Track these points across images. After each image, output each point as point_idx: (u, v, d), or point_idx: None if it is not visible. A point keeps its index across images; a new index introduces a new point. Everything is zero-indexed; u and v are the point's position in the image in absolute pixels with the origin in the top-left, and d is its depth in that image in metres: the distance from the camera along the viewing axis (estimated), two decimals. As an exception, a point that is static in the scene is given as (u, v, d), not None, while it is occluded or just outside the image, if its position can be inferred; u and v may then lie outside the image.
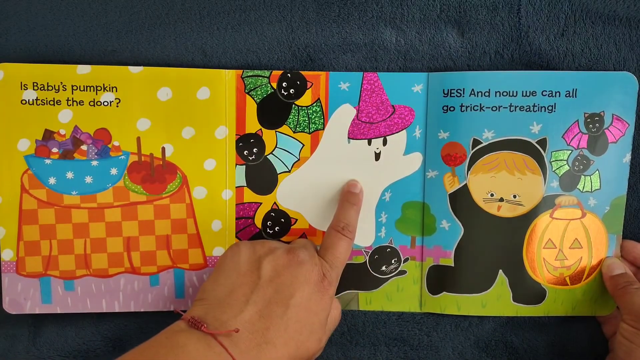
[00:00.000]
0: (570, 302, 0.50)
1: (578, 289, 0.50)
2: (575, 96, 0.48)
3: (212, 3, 0.49)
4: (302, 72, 0.49)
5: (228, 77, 0.48)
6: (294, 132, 0.49)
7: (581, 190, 0.49)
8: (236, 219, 0.50)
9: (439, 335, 0.53)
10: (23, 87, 0.47)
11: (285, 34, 0.49)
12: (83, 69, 0.47)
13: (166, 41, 0.49)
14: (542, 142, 0.49)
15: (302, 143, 0.50)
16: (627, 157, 0.49)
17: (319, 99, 0.49)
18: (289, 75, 0.49)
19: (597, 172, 0.49)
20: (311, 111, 0.49)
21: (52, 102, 0.48)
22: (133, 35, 0.49)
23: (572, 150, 0.49)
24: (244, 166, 0.50)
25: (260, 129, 0.49)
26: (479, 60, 0.49)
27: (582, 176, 0.49)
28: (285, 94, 0.49)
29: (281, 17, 0.49)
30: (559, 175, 0.49)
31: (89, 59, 0.49)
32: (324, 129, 0.49)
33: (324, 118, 0.49)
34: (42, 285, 0.49)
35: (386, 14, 0.49)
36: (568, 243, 0.50)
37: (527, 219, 0.50)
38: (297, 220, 0.50)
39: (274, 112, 0.49)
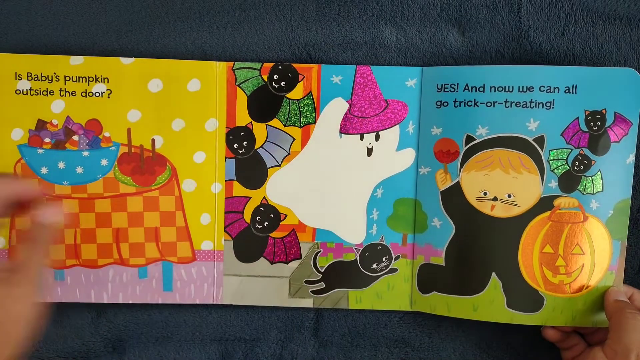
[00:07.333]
0: (570, 311, 0.47)
1: (579, 298, 0.47)
2: (575, 92, 0.46)
3: (211, 2, 0.49)
4: (294, 65, 0.48)
5: (219, 69, 0.48)
6: (285, 126, 0.49)
7: (582, 192, 0.47)
8: (225, 212, 0.49)
9: (440, 336, 0.52)
10: (17, 77, 0.48)
11: (285, 32, 0.49)
12: (76, 60, 0.48)
13: (166, 40, 0.49)
14: (540, 140, 0.46)
15: (292, 137, 0.49)
16: (631, 158, 0.46)
17: (310, 92, 0.48)
18: (280, 67, 0.48)
19: (599, 173, 0.46)
20: (302, 104, 0.48)
21: (45, 93, 0.48)
22: (133, 35, 0.49)
23: (572, 149, 0.46)
24: (234, 159, 0.49)
25: (251, 122, 0.49)
26: (479, 59, 0.49)
27: (583, 177, 0.46)
28: (276, 86, 0.48)
29: (281, 15, 0.49)
30: (558, 175, 0.47)
31: (88, 58, 0.49)
32: (315, 123, 0.49)
33: (315, 112, 0.48)
34: (33, 274, 0.50)
35: (386, 12, 0.49)
36: (569, 248, 0.47)
37: (522, 220, 0.47)
38: (286, 215, 0.50)
39: (264, 105, 0.48)
